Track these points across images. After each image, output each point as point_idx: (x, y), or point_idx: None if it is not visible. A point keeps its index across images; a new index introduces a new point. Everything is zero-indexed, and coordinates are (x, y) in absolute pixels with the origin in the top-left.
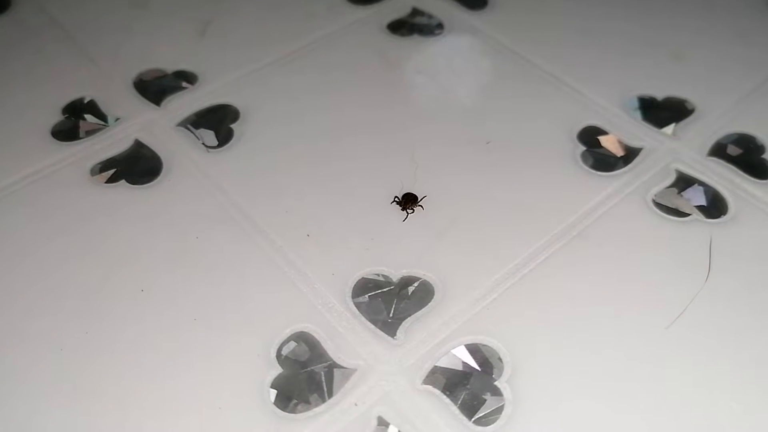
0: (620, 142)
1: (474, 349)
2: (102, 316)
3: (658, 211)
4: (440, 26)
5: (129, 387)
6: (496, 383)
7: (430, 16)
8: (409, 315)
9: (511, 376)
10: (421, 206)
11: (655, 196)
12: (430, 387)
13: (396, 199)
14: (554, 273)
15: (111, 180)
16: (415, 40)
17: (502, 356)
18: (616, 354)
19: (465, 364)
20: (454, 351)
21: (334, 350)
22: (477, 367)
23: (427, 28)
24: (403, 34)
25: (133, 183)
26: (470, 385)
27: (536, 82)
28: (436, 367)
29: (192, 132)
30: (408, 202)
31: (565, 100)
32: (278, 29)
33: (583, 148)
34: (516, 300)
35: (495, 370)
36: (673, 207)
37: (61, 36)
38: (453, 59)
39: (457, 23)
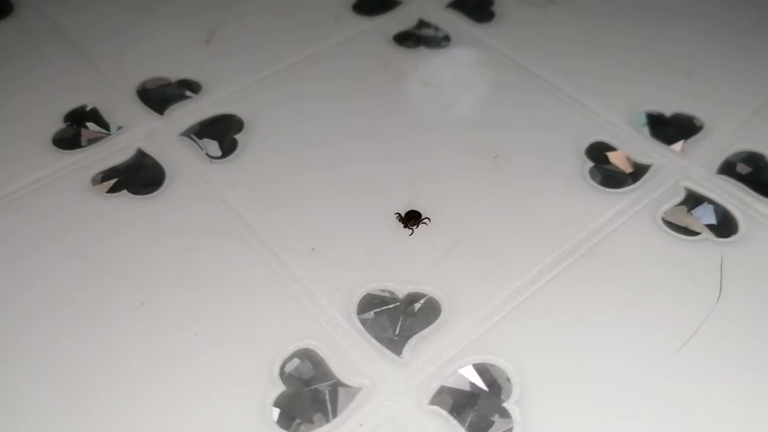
0: (629, 159)
1: (482, 369)
2: (101, 329)
3: (667, 229)
4: (447, 38)
5: (125, 402)
6: (504, 404)
7: (436, 29)
8: (416, 333)
9: (519, 398)
10: (426, 223)
11: (665, 214)
12: (437, 408)
13: (398, 215)
14: (563, 291)
15: (113, 190)
16: (422, 52)
17: (510, 376)
18: (628, 374)
19: (473, 384)
20: (461, 371)
21: (338, 368)
22: (485, 388)
23: (433, 40)
24: (409, 46)
25: (135, 193)
26: (478, 406)
27: (543, 96)
28: (443, 387)
29: (195, 142)
30: (411, 219)
31: (572, 116)
32: (284, 39)
33: (591, 164)
34: (524, 318)
35: (503, 391)
36: (683, 225)
37: (64, 42)
38: (459, 72)
39: (463, 36)
